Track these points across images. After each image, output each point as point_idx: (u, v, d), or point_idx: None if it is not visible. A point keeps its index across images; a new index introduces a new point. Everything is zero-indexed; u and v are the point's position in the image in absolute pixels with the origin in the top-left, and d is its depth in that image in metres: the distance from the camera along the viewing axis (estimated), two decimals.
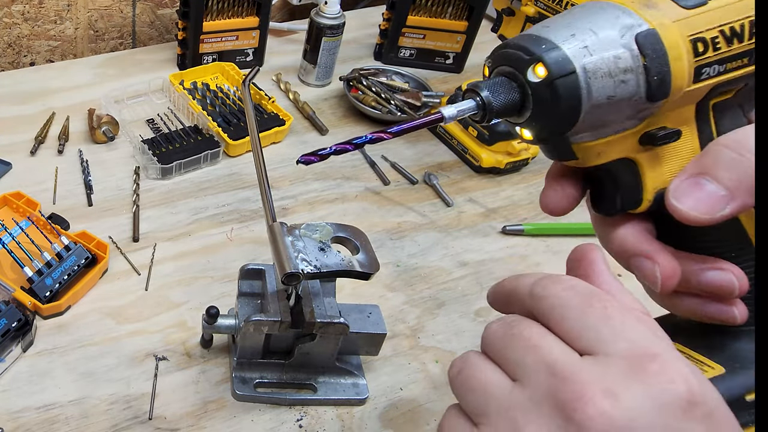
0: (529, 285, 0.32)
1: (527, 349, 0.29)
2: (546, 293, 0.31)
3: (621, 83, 0.31)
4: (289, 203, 0.80)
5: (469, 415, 0.31)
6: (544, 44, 0.32)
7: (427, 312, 0.69)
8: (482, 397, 0.30)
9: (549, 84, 0.31)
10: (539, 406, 0.28)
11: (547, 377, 0.28)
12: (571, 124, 0.32)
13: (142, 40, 1.13)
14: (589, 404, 0.26)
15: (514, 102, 0.33)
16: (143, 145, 0.82)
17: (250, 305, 0.59)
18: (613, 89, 0.31)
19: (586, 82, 0.31)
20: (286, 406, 0.59)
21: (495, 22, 0.85)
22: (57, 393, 0.58)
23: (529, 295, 0.32)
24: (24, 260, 0.64)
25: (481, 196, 0.85)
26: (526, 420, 0.28)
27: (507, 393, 0.29)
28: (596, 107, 0.31)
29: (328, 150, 0.35)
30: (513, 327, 0.31)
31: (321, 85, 1.02)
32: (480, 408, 0.30)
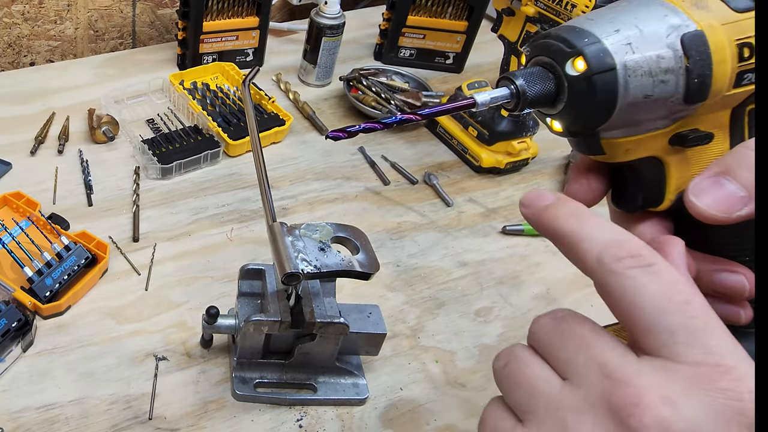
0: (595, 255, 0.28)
1: (579, 348, 0.28)
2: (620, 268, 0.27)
3: (660, 83, 0.30)
4: (289, 203, 0.80)
5: (514, 410, 0.30)
6: (586, 38, 0.31)
7: (427, 312, 0.69)
8: (529, 394, 0.29)
9: (587, 78, 0.31)
10: (592, 408, 0.26)
11: (600, 379, 0.26)
12: (604, 120, 0.32)
13: (142, 40, 1.13)
14: (647, 411, 0.24)
15: (549, 93, 0.32)
16: (143, 145, 0.82)
17: (250, 305, 0.59)
18: (651, 89, 0.30)
19: (625, 80, 0.30)
20: (286, 406, 0.59)
21: (495, 22, 0.85)
22: (57, 393, 0.58)
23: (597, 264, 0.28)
24: (24, 260, 0.64)
25: (481, 196, 0.85)
26: (576, 422, 0.26)
27: (556, 392, 0.28)
28: (631, 105, 0.31)
29: (357, 127, 0.34)
30: (564, 322, 0.29)
31: (321, 85, 1.02)
32: (526, 405, 0.29)
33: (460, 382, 0.63)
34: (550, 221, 0.30)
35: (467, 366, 0.64)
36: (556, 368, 0.29)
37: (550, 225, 0.30)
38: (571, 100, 0.32)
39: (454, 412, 0.60)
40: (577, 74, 0.31)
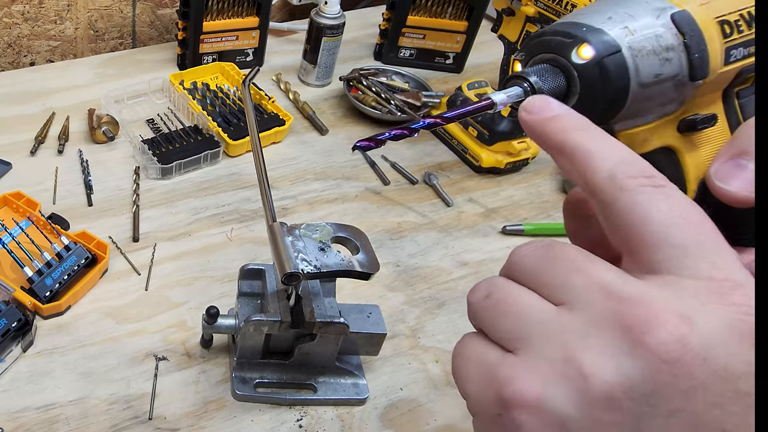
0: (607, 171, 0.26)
1: (573, 271, 0.26)
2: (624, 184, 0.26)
3: (665, 61, 0.31)
4: (289, 203, 0.80)
5: (499, 342, 0.27)
6: (584, 27, 0.32)
7: (427, 312, 0.69)
8: (520, 322, 0.26)
9: (597, 63, 0.31)
10: (598, 330, 0.24)
11: (603, 300, 0.24)
12: (620, 106, 0.32)
13: (142, 40, 1.13)
14: (662, 328, 0.23)
15: (561, 87, 0.33)
16: (143, 145, 0.82)
17: (250, 305, 0.59)
18: (659, 67, 0.31)
19: (633, 61, 0.31)
20: (286, 406, 0.59)
21: (495, 22, 0.85)
22: (57, 393, 0.58)
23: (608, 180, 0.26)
24: (24, 260, 0.64)
25: (481, 196, 0.85)
26: (582, 345, 0.24)
27: (553, 317, 0.26)
28: (644, 87, 0.31)
29: (386, 135, 0.34)
30: (551, 248, 0.27)
31: (321, 85, 1.02)
32: (517, 333, 0.26)
33: None
34: (559, 132, 0.28)
35: None
36: (548, 295, 0.27)
37: (558, 136, 0.28)
38: (584, 89, 0.32)
39: (454, 412, 0.60)
40: (585, 61, 0.31)
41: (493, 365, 0.26)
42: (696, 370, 0.22)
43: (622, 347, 0.23)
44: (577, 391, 0.24)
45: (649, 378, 0.23)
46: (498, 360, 0.26)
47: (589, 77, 0.31)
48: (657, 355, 0.23)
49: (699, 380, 0.22)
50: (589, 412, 0.24)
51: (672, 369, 0.23)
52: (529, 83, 0.32)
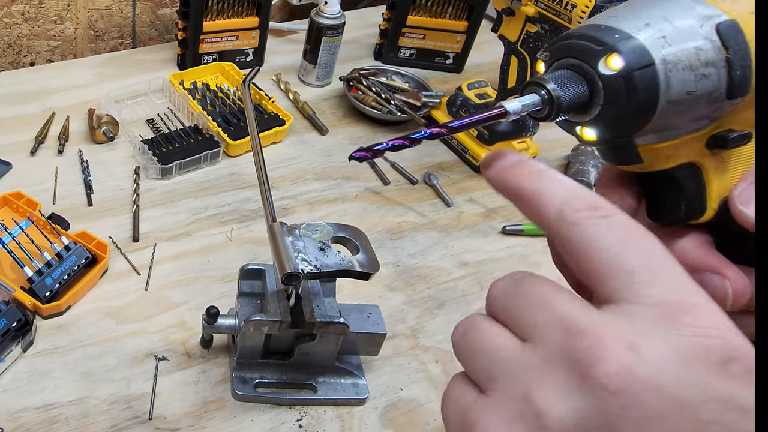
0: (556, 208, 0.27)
1: (537, 306, 0.26)
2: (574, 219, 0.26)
3: (702, 77, 0.28)
4: (289, 203, 0.80)
5: (476, 382, 0.28)
6: (616, 34, 0.29)
7: (427, 312, 0.69)
8: (489, 361, 0.27)
9: (626, 77, 0.28)
10: (553, 365, 0.25)
11: (560, 334, 0.25)
12: (645, 122, 0.29)
13: (142, 40, 1.13)
14: (609, 360, 0.23)
15: (583, 97, 0.30)
16: (143, 145, 0.82)
17: (250, 305, 0.59)
18: (694, 84, 0.28)
19: (666, 75, 0.28)
20: (286, 406, 0.59)
21: (495, 22, 0.85)
22: (57, 393, 0.58)
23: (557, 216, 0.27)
24: (24, 260, 0.64)
25: (481, 196, 0.85)
26: (538, 382, 0.25)
27: (517, 354, 0.26)
28: (673, 104, 0.29)
29: (384, 145, 0.32)
30: (521, 283, 0.27)
31: (321, 85, 1.02)
32: (487, 372, 0.27)
33: None
34: (514, 179, 0.29)
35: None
36: (517, 331, 0.27)
37: (513, 183, 0.29)
38: (608, 102, 0.29)
39: None
40: (613, 73, 0.29)
41: (467, 408, 0.27)
42: (647, 398, 0.22)
43: (573, 381, 0.24)
44: (535, 430, 0.24)
45: (599, 411, 0.23)
46: (472, 402, 0.27)
47: (614, 90, 0.29)
48: (604, 388, 0.23)
49: (652, 410, 0.22)
50: None
51: (621, 400, 0.23)
52: (547, 91, 0.30)
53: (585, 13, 0.72)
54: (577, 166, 0.86)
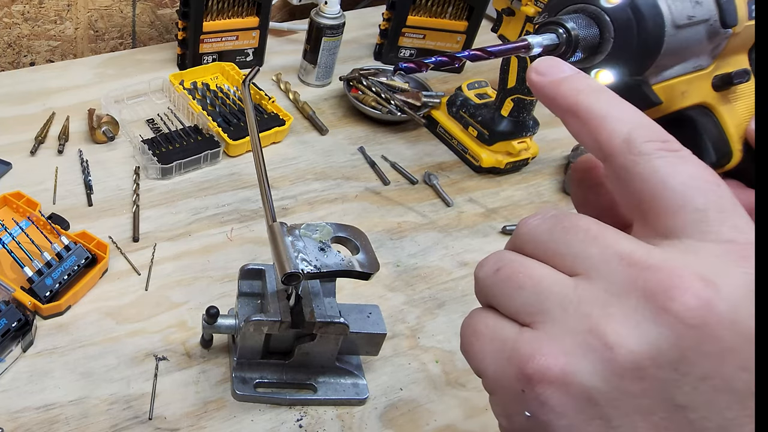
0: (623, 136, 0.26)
1: (588, 241, 0.25)
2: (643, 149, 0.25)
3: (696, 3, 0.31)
4: (289, 203, 0.80)
5: (513, 317, 0.26)
6: None
7: (427, 312, 0.69)
8: (536, 295, 0.25)
9: (630, 3, 0.31)
10: (620, 297, 0.23)
11: (623, 268, 0.24)
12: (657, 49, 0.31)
13: (142, 40, 1.13)
14: (687, 293, 0.22)
15: (594, 35, 0.32)
16: (143, 145, 0.82)
17: (250, 305, 0.59)
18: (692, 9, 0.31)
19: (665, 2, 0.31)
20: (286, 406, 0.59)
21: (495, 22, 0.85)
22: (57, 393, 0.58)
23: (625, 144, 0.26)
24: (24, 260, 0.64)
25: (481, 196, 0.85)
26: (605, 314, 0.23)
27: (570, 288, 0.25)
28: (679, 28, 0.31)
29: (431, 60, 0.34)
30: (563, 219, 0.26)
31: (321, 85, 1.02)
32: (534, 306, 0.25)
33: (460, 382, 0.63)
34: (571, 93, 0.27)
35: (467, 366, 0.64)
36: (561, 266, 0.26)
37: (571, 98, 0.27)
38: (619, 33, 0.31)
39: (454, 412, 0.60)
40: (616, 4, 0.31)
41: (511, 341, 0.25)
42: (724, 333, 0.22)
43: (646, 314, 0.23)
44: (603, 362, 0.23)
45: (675, 344, 0.22)
46: (515, 335, 0.25)
47: (622, 20, 0.31)
48: (682, 321, 0.22)
49: (728, 344, 0.22)
50: (616, 383, 0.23)
51: (699, 334, 0.22)
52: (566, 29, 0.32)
53: None
54: None
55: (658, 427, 0.23)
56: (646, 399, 0.23)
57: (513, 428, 0.26)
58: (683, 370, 0.22)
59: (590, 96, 0.27)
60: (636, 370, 0.23)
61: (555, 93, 0.28)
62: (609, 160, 0.26)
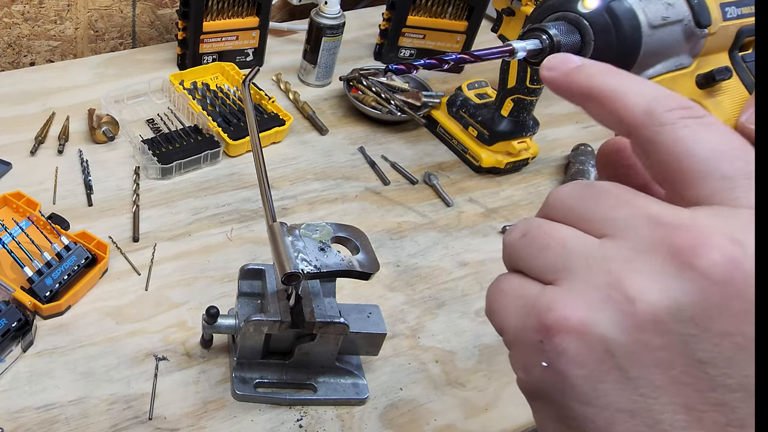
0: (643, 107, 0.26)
1: (617, 205, 0.25)
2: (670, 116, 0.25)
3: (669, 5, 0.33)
4: (289, 203, 0.80)
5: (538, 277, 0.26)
6: None
7: (427, 312, 0.69)
8: (560, 254, 0.25)
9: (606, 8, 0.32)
10: (644, 255, 0.24)
11: (651, 228, 0.24)
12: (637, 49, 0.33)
13: (142, 40, 1.13)
14: (714, 250, 0.22)
15: (576, 40, 0.34)
16: (143, 145, 0.82)
17: (250, 305, 0.59)
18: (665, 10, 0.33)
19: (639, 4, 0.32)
20: (286, 406, 0.59)
21: (495, 22, 0.85)
22: (57, 393, 0.58)
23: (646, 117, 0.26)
24: (24, 260, 0.64)
25: (481, 196, 0.85)
26: (629, 269, 0.23)
27: (595, 248, 0.25)
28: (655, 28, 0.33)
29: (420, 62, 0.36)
30: (593, 186, 0.26)
31: (321, 85, 1.02)
32: (558, 264, 0.25)
33: (460, 382, 0.63)
34: (585, 79, 0.27)
35: (467, 366, 0.64)
36: (589, 229, 0.26)
37: (585, 83, 0.27)
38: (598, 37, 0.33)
39: (454, 412, 0.60)
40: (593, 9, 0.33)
41: (534, 296, 0.26)
42: (748, 291, 0.22)
43: (670, 271, 0.23)
44: (622, 314, 0.23)
45: (698, 300, 0.22)
46: (539, 291, 0.26)
47: (600, 24, 0.33)
48: (707, 276, 0.22)
49: (752, 302, 0.22)
50: (635, 336, 0.23)
51: (723, 290, 0.22)
52: (548, 35, 0.33)
53: None
54: (577, 166, 0.86)
55: (677, 381, 0.23)
56: (665, 353, 0.23)
57: (530, 380, 0.26)
58: (705, 326, 0.22)
59: (605, 77, 0.27)
60: (656, 324, 0.23)
61: (569, 83, 0.28)
62: (634, 135, 0.26)
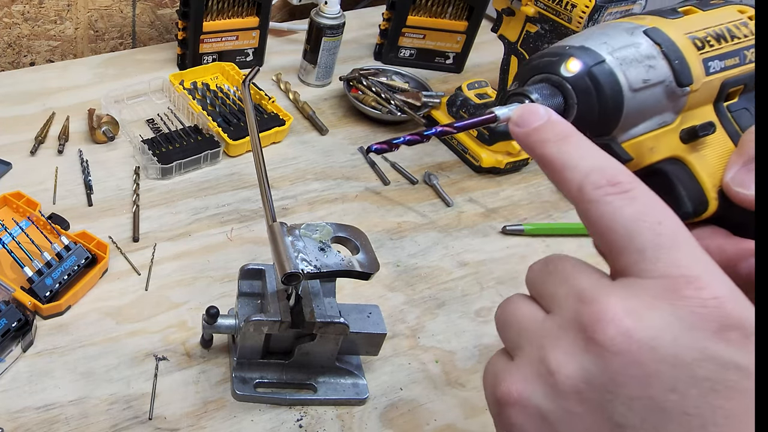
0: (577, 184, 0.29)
1: (561, 281, 0.29)
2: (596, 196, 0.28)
3: (650, 68, 0.33)
4: (289, 203, 0.80)
5: (509, 351, 0.31)
6: (567, 47, 0.34)
7: (427, 312, 0.69)
8: (516, 331, 0.30)
9: (587, 73, 0.33)
10: (566, 331, 0.27)
11: (575, 304, 0.27)
12: (619, 113, 0.33)
13: (142, 40, 1.13)
14: (611, 324, 0.25)
15: (559, 103, 0.34)
16: (143, 145, 0.82)
17: (250, 305, 0.59)
18: (646, 73, 0.33)
19: (620, 68, 0.33)
20: (286, 406, 0.59)
21: (495, 22, 0.85)
22: (57, 393, 0.58)
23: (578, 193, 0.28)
24: (24, 260, 0.64)
25: (481, 196, 0.85)
26: (552, 346, 0.27)
27: (539, 324, 0.29)
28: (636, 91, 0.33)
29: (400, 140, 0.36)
30: (550, 263, 0.30)
31: (321, 85, 1.02)
32: (515, 341, 0.30)
33: (460, 382, 0.63)
34: (538, 145, 0.30)
35: (467, 366, 0.64)
36: (543, 304, 0.30)
37: (539, 150, 0.30)
38: (581, 100, 0.33)
39: (454, 412, 0.60)
40: (575, 74, 0.33)
41: (498, 371, 0.30)
42: (645, 358, 0.25)
43: (581, 344, 0.26)
44: (549, 387, 0.27)
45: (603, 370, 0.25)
46: (502, 367, 0.30)
47: (582, 87, 0.33)
48: (606, 349, 0.25)
49: (650, 368, 0.25)
50: (562, 404, 0.27)
51: (622, 360, 0.25)
52: (531, 100, 0.34)
53: (585, 13, 0.72)
54: None
55: None
56: (589, 417, 0.26)
57: None
58: (615, 392, 0.25)
59: (554, 146, 0.30)
60: (575, 393, 0.26)
61: (527, 144, 0.31)
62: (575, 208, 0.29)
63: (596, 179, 0.28)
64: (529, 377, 0.28)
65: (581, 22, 0.72)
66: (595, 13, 0.71)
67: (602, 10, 0.72)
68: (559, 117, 0.31)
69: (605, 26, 0.35)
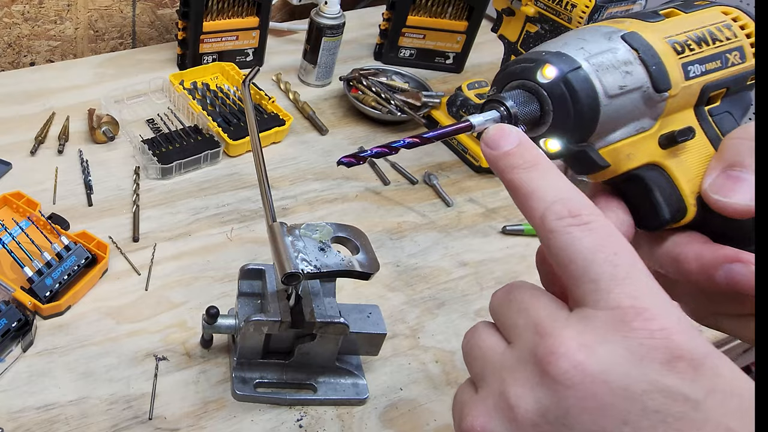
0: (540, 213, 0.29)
1: (519, 312, 0.29)
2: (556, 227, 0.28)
3: (626, 74, 0.33)
4: (289, 203, 0.80)
5: (474, 382, 0.31)
6: (544, 53, 0.34)
7: (427, 312, 0.69)
8: (481, 362, 0.30)
9: (562, 79, 0.32)
10: (524, 364, 0.28)
11: (532, 336, 0.28)
12: (595, 119, 0.33)
13: (142, 40, 1.13)
14: (563, 358, 0.26)
15: (535, 109, 0.34)
16: (143, 145, 0.82)
17: (250, 305, 0.59)
18: (622, 79, 0.32)
19: (596, 74, 0.32)
20: (286, 406, 0.59)
21: (495, 22, 0.85)
22: (57, 393, 0.58)
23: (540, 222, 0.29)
24: (24, 260, 0.64)
25: (481, 196, 0.85)
26: (512, 379, 0.28)
27: (499, 356, 0.30)
28: (612, 98, 0.33)
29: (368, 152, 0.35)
30: (510, 291, 0.31)
31: (321, 85, 1.02)
32: (479, 373, 0.31)
33: (460, 382, 0.62)
34: (507, 170, 0.31)
35: None
36: (506, 335, 0.30)
37: (506, 175, 0.31)
38: (556, 106, 0.33)
39: None
40: (551, 80, 0.33)
41: (463, 403, 0.31)
42: (598, 391, 0.25)
43: (536, 378, 0.27)
44: (509, 420, 0.28)
45: (557, 403, 0.26)
46: (468, 398, 0.30)
47: (557, 94, 0.33)
48: (559, 382, 0.26)
49: (603, 401, 0.25)
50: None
51: (575, 393, 0.26)
52: (506, 107, 0.34)
53: (585, 13, 0.72)
54: None
55: None
56: None
57: None
58: (570, 425, 0.26)
59: (522, 173, 0.30)
60: (533, 426, 0.27)
61: (496, 168, 0.31)
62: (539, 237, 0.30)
63: (558, 210, 0.28)
64: (492, 411, 0.28)
65: (581, 22, 0.72)
66: (595, 13, 0.71)
67: (602, 10, 0.72)
68: (530, 142, 0.31)
69: (584, 30, 0.35)
